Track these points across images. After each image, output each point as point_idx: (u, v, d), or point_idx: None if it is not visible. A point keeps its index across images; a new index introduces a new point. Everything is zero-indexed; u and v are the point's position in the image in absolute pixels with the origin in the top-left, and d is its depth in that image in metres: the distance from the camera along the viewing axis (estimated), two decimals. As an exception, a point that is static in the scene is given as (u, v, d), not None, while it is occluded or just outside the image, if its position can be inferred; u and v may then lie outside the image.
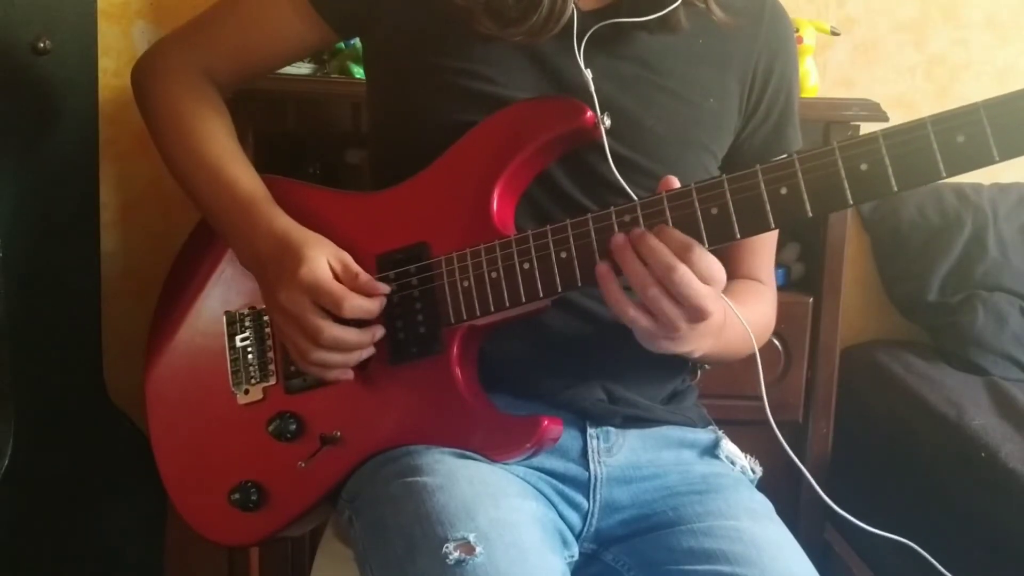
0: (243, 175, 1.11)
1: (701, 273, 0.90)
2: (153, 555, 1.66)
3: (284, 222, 1.07)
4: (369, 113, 1.19)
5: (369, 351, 1.03)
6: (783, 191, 0.89)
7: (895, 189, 0.86)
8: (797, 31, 1.78)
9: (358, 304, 1.01)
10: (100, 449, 1.57)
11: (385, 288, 1.03)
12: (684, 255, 0.90)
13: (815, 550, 1.77)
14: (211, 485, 1.13)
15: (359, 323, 1.02)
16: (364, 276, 1.03)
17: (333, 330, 1.01)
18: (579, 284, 0.97)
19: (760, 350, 1.13)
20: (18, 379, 1.39)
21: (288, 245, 1.03)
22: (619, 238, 0.93)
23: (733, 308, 1.00)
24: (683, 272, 0.90)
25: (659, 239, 0.91)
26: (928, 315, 1.98)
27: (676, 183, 0.93)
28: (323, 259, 1.02)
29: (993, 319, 1.88)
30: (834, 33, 1.86)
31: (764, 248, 1.20)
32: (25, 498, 1.43)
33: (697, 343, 0.96)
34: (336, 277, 1.02)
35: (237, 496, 1.10)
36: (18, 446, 1.38)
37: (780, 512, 1.09)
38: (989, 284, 1.93)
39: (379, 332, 1.03)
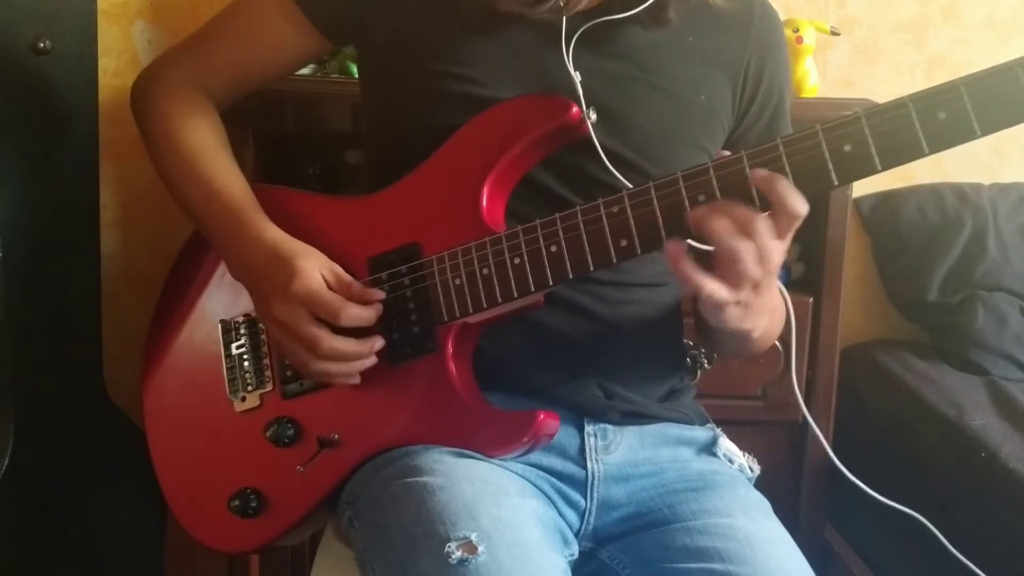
0: (233, 185, 1.11)
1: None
2: (153, 555, 1.66)
3: (272, 232, 1.07)
4: (364, 116, 1.19)
5: (371, 360, 1.03)
6: None
7: (879, 168, 0.88)
8: (797, 31, 1.78)
9: (355, 313, 1.01)
10: (100, 449, 1.57)
11: (380, 294, 1.03)
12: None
13: (815, 550, 1.77)
14: (210, 493, 1.12)
15: (357, 332, 1.02)
16: (357, 285, 1.03)
17: (332, 341, 1.01)
18: (570, 276, 0.98)
19: (760, 349, 1.14)
20: (18, 379, 1.39)
21: (278, 256, 1.03)
22: (697, 211, 0.91)
23: (781, 286, 1.01)
24: (761, 220, 0.89)
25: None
26: (928, 315, 1.98)
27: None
28: (315, 270, 1.02)
29: (993, 319, 1.88)
30: (834, 33, 1.86)
31: None
32: (25, 498, 1.42)
33: (756, 320, 0.96)
34: (329, 287, 1.02)
35: (236, 503, 1.10)
36: (18, 446, 1.38)
37: (780, 512, 1.09)
38: (989, 284, 1.93)
39: (378, 343, 1.03)
